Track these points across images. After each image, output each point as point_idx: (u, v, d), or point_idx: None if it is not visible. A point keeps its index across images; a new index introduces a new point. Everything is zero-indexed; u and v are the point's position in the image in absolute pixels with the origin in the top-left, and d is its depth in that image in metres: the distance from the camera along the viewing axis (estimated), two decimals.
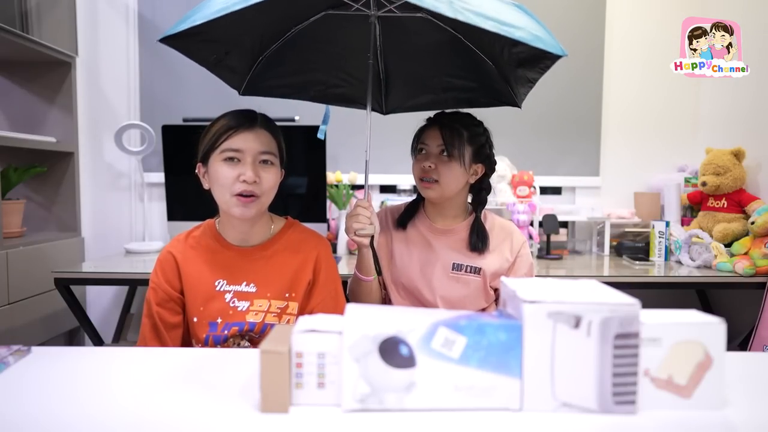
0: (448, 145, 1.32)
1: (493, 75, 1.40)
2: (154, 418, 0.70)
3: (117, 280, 2.02)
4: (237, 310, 1.16)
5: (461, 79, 1.48)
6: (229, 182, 1.11)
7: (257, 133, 1.14)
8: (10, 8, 2.08)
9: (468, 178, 1.38)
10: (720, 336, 0.71)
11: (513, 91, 1.41)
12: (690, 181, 2.57)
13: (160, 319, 1.19)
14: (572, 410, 0.69)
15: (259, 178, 1.13)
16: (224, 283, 1.18)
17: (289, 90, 1.54)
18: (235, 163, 1.12)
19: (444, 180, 1.33)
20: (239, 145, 1.12)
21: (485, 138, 1.39)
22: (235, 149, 1.12)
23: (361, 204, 1.26)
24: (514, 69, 1.30)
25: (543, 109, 2.74)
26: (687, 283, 2.15)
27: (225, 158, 1.12)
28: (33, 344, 0.97)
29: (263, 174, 1.14)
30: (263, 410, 0.69)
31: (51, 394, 0.77)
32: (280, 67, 1.46)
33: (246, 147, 1.12)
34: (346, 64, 1.49)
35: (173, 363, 0.92)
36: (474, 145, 1.35)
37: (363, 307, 0.74)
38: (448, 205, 1.41)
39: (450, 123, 1.35)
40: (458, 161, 1.33)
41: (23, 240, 2.22)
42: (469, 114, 1.41)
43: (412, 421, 0.67)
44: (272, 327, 1.11)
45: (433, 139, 1.35)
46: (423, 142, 1.38)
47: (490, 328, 0.70)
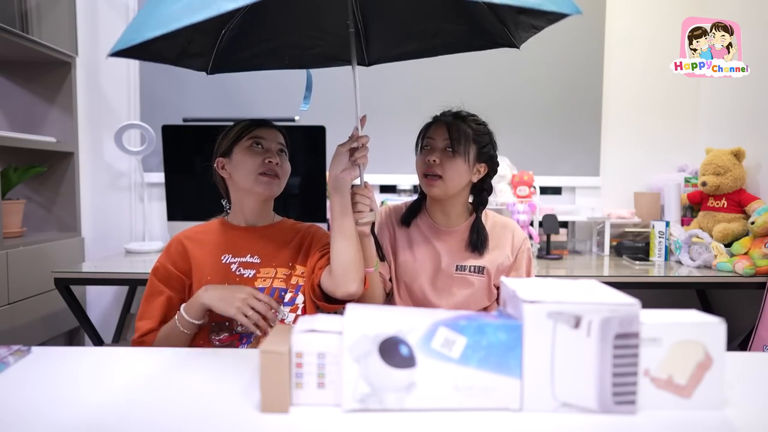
0: (454, 141, 1.32)
1: (487, 16, 1.30)
2: (154, 418, 0.70)
3: (117, 280, 2.02)
4: (243, 277, 1.25)
5: (450, 23, 1.36)
6: (257, 164, 1.26)
7: (273, 129, 1.33)
8: (10, 8, 2.07)
9: (471, 177, 1.38)
10: (720, 336, 0.71)
11: (510, 33, 1.33)
12: (690, 181, 2.57)
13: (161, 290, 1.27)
14: (572, 410, 0.69)
15: (280, 163, 1.30)
16: (229, 256, 1.28)
17: (261, 60, 1.44)
18: (260, 149, 1.29)
19: (448, 176, 1.33)
20: (263, 134, 1.30)
21: (489, 138, 1.39)
22: (260, 137, 1.30)
23: (359, 191, 1.21)
24: (515, 14, 1.22)
25: (543, 108, 2.74)
26: (687, 283, 2.15)
27: (251, 145, 1.28)
28: (33, 344, 0.97)
29: (282, 161, 1.31)
30: (263, 410, 0.69)
31: (51, 394, 0.77)
32: (247, 38, 1.36)
33: (269, 136, 1.31)
34: (319, 20, 1.36)
35: (173, 363, 0.92)
36: (478, 143, 1.36)
37: (363, 307, 0.74)
38: (450, 204, 1.41)
39: (456, 120, 1.36)
40: (463, 157, 1.33)
41: (23, 240, 2.22)
42: (474, 115, 1.42)
43: (412, 421, 0.67)
44: (281, 291, 1.24)
45: (440, 135, 1.35)
46: (429, 137, 1.38)
47: (490, 328, 0.70)
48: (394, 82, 2.69)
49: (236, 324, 1.20)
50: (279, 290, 1.24)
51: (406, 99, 2.69)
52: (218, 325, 1.21)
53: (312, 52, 1.45)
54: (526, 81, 2.73)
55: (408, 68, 2.69)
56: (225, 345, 1.20)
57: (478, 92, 2.69)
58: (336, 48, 1.42)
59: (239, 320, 1.11)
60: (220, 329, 1.21)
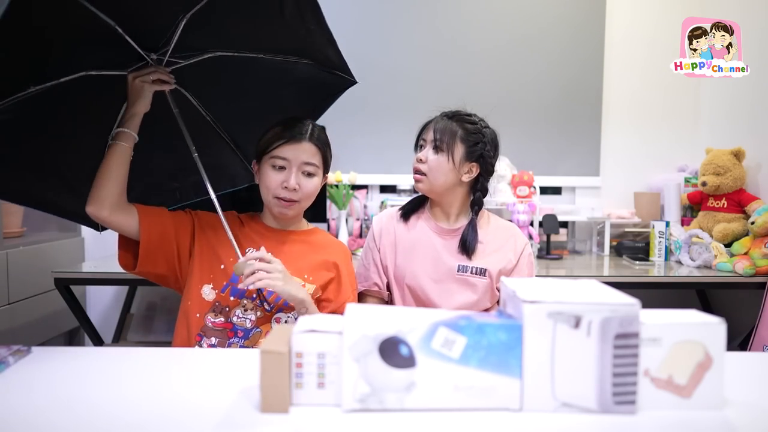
0: (437, 140, 1.36)
1: (317, 72, 1.39)
2: (154, 418, 0.70)
3: (117, 280, 2.02)
4: None
5: (294, 93, 1.46)
6: (274, 186, 1.25)
7: (304, 145, 1.26)
8: None
9: (459, 176, 1.38)
10: (720, 336, 0.71)
11: (343, 72, 1.42)
12: (690, 181, 2.57)
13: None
14: (572, 410, 0.69)
15: (300, 185, 1.25)
16: (254, 250, 1.25)
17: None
18: (280, 170, 1.25)
19: (431, 174, 1.37)
20: (286, 154, 1.24)
21: (480, 137, 1.39)
22: (282, 157, 1.24)
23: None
24: (326, 46, 1.30)
25: (543, 108, 2.74)
26: (687, 283, 2.15)
27: (272, 165, 1.25)
28: (33, 344, 0.97)
29: (304, 182, 1.26)
30: (263, 410, 0.69)
31: (51, 394, 0.77)
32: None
33: (292, 157, 1.25)
34: (181, 157, 1.31)
35: (173, 363, 0.92)
36: (467, 143, 1.36)
37: (363, 307, 0.74)
38: (446, 202, 1.42)
39: (444, 120, 1.39)
40: (446, 156, 1.35)
41: (23, 240, 2.22)
42: (471, 114, 1.42)
43: (412, 421, 0.67)
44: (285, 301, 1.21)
45: (428, 134, 1.39)
46: (421, 137, 1.42)
47: (490, 328, 0.70)
48: (394, 82, 2.69)
49: (232, 313, 1.22)
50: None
51: (406, 99, 2.69)
52: (220, 307, 1.23)
53: (189, 182, 1.45)
54: (526, 81, 2.73)
55: (408, 68, 2.70)
56: (218, 330, 1.22)
57: (478, 92, 2.69)
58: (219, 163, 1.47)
59: (152, 88, 1.19)
60: (219, 312, 1.23)
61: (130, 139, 1.20)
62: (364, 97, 2.51)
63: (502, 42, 2.71)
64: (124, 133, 1.19)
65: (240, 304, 1.24)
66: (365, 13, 2.69)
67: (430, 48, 2.70)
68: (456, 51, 2.70)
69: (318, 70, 1.39)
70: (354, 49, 2.49)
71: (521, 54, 2.72)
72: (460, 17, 2.70)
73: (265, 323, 1.24)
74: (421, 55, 2.70)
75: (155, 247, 1.23)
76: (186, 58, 1.28)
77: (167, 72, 1.23)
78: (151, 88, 1.21)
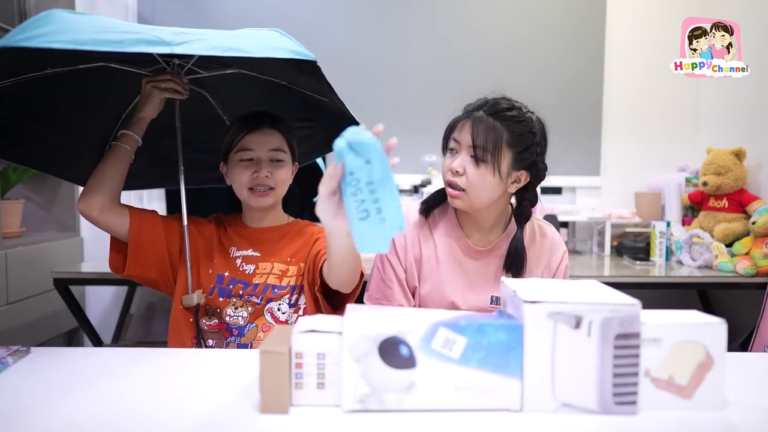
0: (478, 148, 1.06)
1: (330, 106, 1.30)
2: (154, 418, 0.70)
3: (116, 280, 2.01)
4: (245, 273, 1.26)
5: (307, 128, 1.50)
6: (246, 180, 1.23)
7: (267, 133, 1.24)
8: (10, 8, 2.07)
9: (506, 188, 1.12)
10: (721, 336, 0.71)
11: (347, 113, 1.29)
12: (691, 181, 2.57)
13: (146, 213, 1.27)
14: (573, 411, 0.69)
15: (271, 173, 1.24)
16: (235, 249, 1.28)
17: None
18: (249, 162, 1.24)
19: (472, 191, 1.08)
20: (251, 144, 1.23)
21: (532, 139, 1.11)
22: (248, 148, 1.23)
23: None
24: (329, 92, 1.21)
25: (543, 108, 2.73)
26: (688, 283, 2.15)
27: (240, 159, 1.24)
28: (32, 345, 0.97)
29: (275, 170, 1.25)
30: (263, 411, 0.69)
31: (50, 394, 0.77)
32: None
33: (258, 146, 1.23)
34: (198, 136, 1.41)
35: (173, 363, 0.92)
36: (516, 148, 1.09)
37: (363, 307, 0.74)
38: (482, 216, 1.16)
39: (487, 119, 1.09)
40: (491, 169, 1.07)
41: (22, 240, 2.21)
42: (516, 106, 1.15)
43: (412, 422, 0.67)
44: (273, 288, 1.23)
45: (464, 137, 1.09)
46: (453, 138, 1.13)
47: (490, 328, 0.69)
48: (393, 83, 2.69)
49: (224, 313, 1.23)
50: (272, 287, 1.23)
51: (406, 99, 2.69)
52: (211, 309, 1.23)
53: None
54: (526, 81, 2.72)
55: (408, 68, 2.70)
56: (214, 331, 1.23)
57: (478, 92, 2.68)
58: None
59: (162, 95, 1.20)
60: (212, 314, 1.23)
61: (133, 142, 1.20)
62: (363, 97, 2.51)
63: (502, 42, 2.70)
64: (128, 135, 1.19)
65: (230, 303, 1.23)
66: (365, 14, 2.69)
67: (430, 48, 2.70)
68: (456, 51, 2.69)
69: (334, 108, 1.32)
70: (354, 49, 2.50)
71: (521, 54, 2.72)
72: (459, 17, 2.69)
73: (258, 317, 1.23)
74: (421, 55, 2.70)
75: (144, 250, 1.22)
76: (208, 69, 1.30)
77: (182, 82, 1.23)
78: (161, 95, 1.20)
